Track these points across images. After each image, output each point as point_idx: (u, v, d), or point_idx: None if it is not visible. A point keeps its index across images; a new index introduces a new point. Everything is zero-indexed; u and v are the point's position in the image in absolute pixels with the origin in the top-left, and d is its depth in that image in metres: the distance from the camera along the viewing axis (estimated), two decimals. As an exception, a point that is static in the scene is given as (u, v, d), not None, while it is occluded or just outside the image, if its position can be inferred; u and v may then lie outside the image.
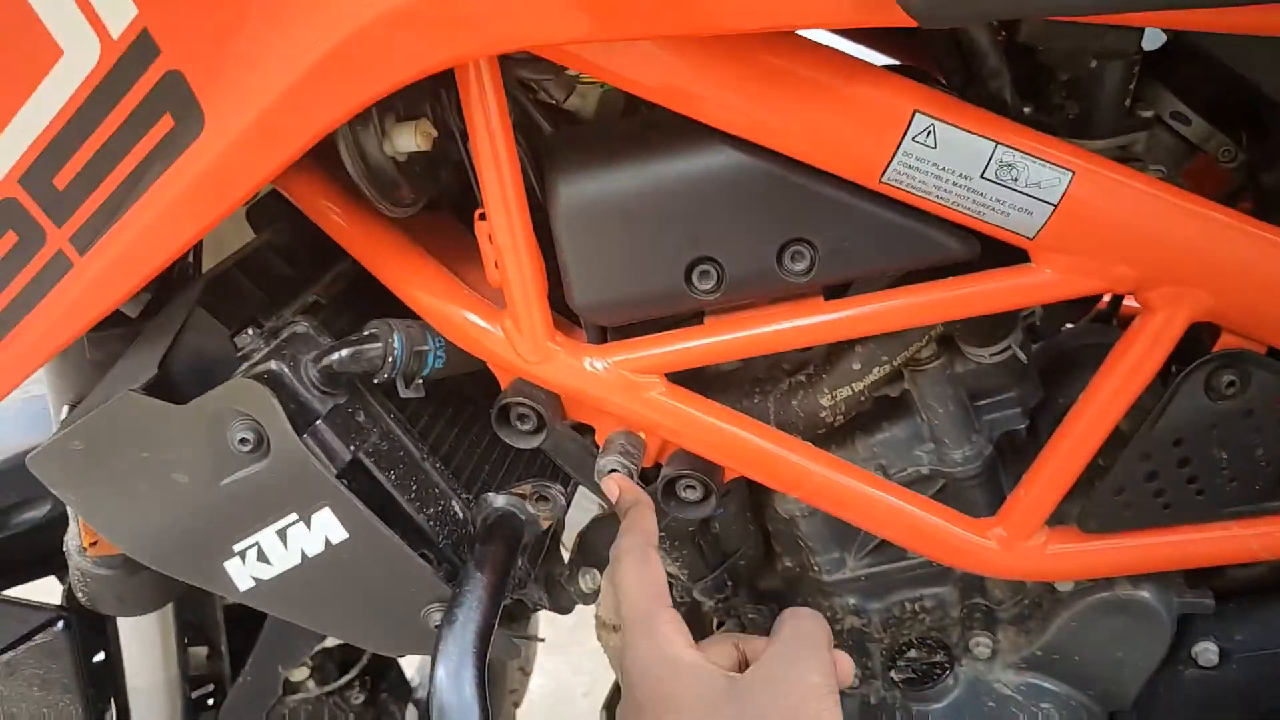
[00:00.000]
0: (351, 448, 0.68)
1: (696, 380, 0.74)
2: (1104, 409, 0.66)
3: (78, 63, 0.50)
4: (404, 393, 0.70)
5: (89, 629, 0.99)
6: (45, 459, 0.70)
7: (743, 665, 0.56)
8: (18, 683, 0.96)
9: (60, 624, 0.95)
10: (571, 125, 0.72)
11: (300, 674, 1.17)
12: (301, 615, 0.73)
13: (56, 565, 1.04)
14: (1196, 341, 0.67)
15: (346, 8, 0.50)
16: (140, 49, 0.50)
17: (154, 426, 0.66)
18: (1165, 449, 0.67)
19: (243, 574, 0.70)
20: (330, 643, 1.19)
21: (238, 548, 0.69)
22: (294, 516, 0.67)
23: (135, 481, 0.68)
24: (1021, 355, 0.75)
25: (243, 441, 0.65)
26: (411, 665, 1.46)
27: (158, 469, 0.67)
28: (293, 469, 0.65)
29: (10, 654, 0.94)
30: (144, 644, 1.01)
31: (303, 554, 0.68)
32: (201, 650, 1.20)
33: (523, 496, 0.73)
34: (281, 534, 0.68)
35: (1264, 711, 0.74)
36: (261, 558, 0.69)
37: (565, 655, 2.23)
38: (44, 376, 0.83)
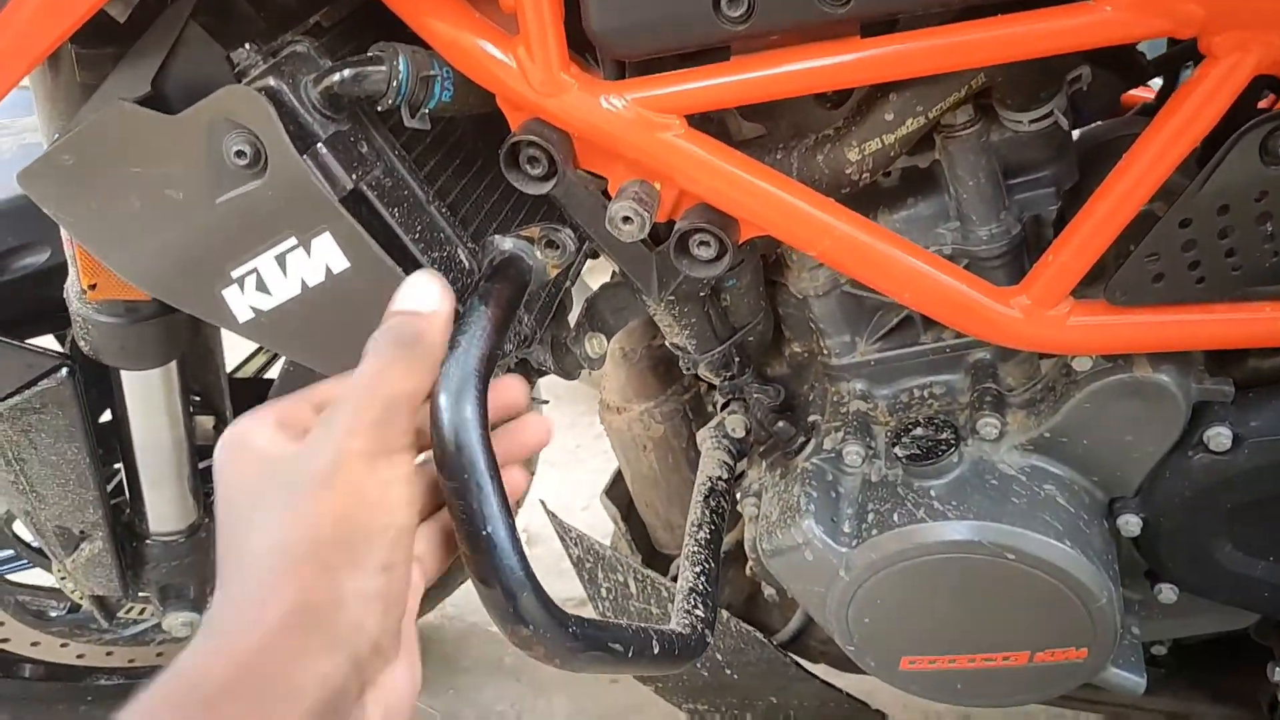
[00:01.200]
0: (354, 176, 0.65)
1: (714, 122, 0.70)
2: (1150, 166, 0.62)
3: None
4: (410, 122, 0.67)
5: (95, 385, 0.99)
6: (36, 175, 0.68)
7: None
8: (24, 429, 0.97)
9: (64, 371, 0.94)
10: None
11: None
12: (301, 350, 0.72)
13: (57, 322, 1.03)
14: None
15: None
16: None
17: (147, 138, 0.63)
18: (1208, 215, 0.64)
19: (242, 303, 0.68)
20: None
21: (236, 273, 0.67)
22: (293, 240, 0.64)
23: (129, 198, 0.66)
24: (1064, 123, 0.71)
25: (239, 154, 0.61)
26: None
27: (152, 184, 0.65)
28: (291, 187, 0.62)
29: (16, 399, 0.94)
30: (149, 401, 1.01)
31: (303, 282, 0.66)
32: (208, 421, 1.21)
33: (531, 240, 0.70)
34: (280, 260, 0.66)
35: (1267, 497, 0.73)
36: (261, 286, 0.67)
37: (565, 472, 2.28)
38: (34, 104, 0.80)
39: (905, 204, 0.78)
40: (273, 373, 1.32)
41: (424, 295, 0.49)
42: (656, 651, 0.63)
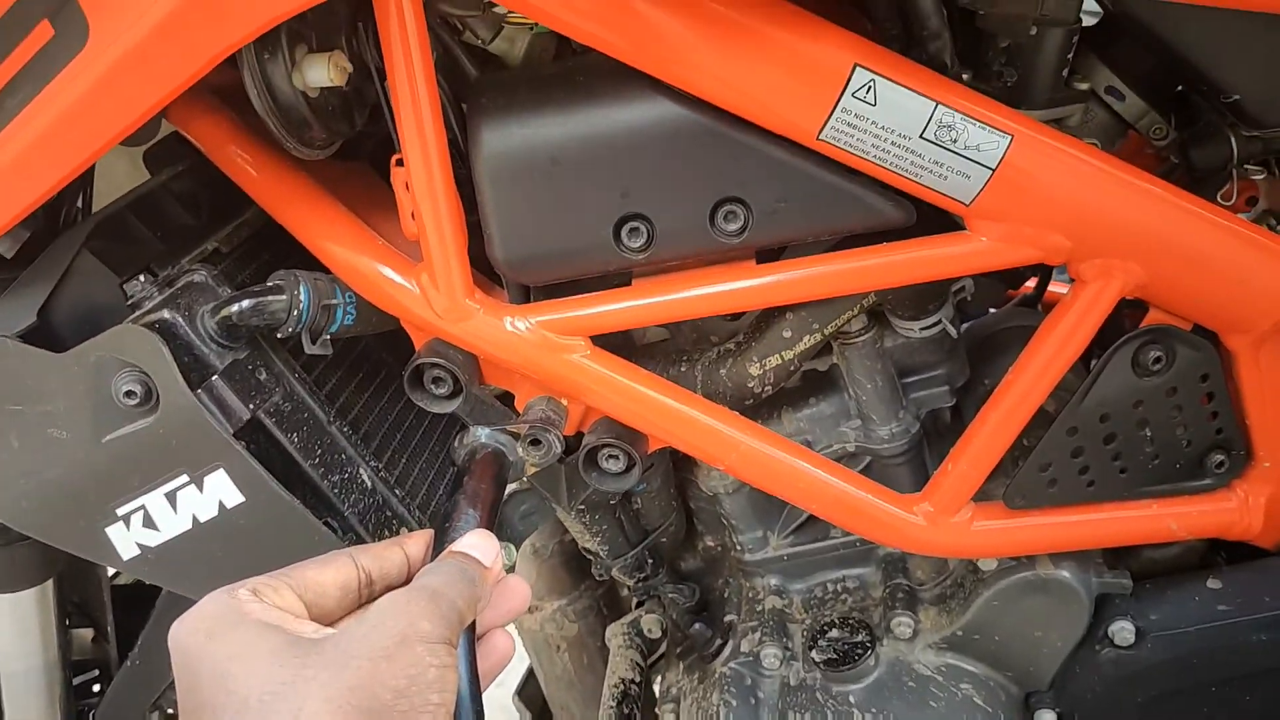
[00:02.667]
0: (251, 406, 0.63)
1: (622, 351, 0.71)
2: (1034, 382, 0.65)
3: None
4: (310, 349, 0.66)
5: (-41, 606, 0.92)
6: (-96, 411, 0.64)
7: None
8: (-125, 663, 0.89)
9: (-77, 600, 0.87)
10: (497, 68, 0.69)
11: (194, 658, 1.11)
12: (191, 586, 0.68)
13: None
14: (1117, 329, 0.67)
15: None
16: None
17: (29, 376, 0.61)
18: (1092, 424, 0.67)
19: (127, 540, 0.64)
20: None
21: (121, 511, 0.63)
22: (184, 478, 0.62)
23: (7, 437, 0.62)
24: (952, 330, 0.74)
25: (129, 394, 0.59)
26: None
27: (32, 424, 0.62)
28: (184, 425, 0.60)
29: None
30: (20, 624, 0.93)
31: (194, 518, 0.63)
32: (86, 633, 1.13)
33: (515, 436, 0.67)
34: (170, 496, 0.63)
35: (1174, 690, 0.74)
36: (148, 523, 0.64)
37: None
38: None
39: (808, 404, 0.80)
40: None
41: (486, 551, 0.53)
42: None
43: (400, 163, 0.62)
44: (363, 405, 0.74)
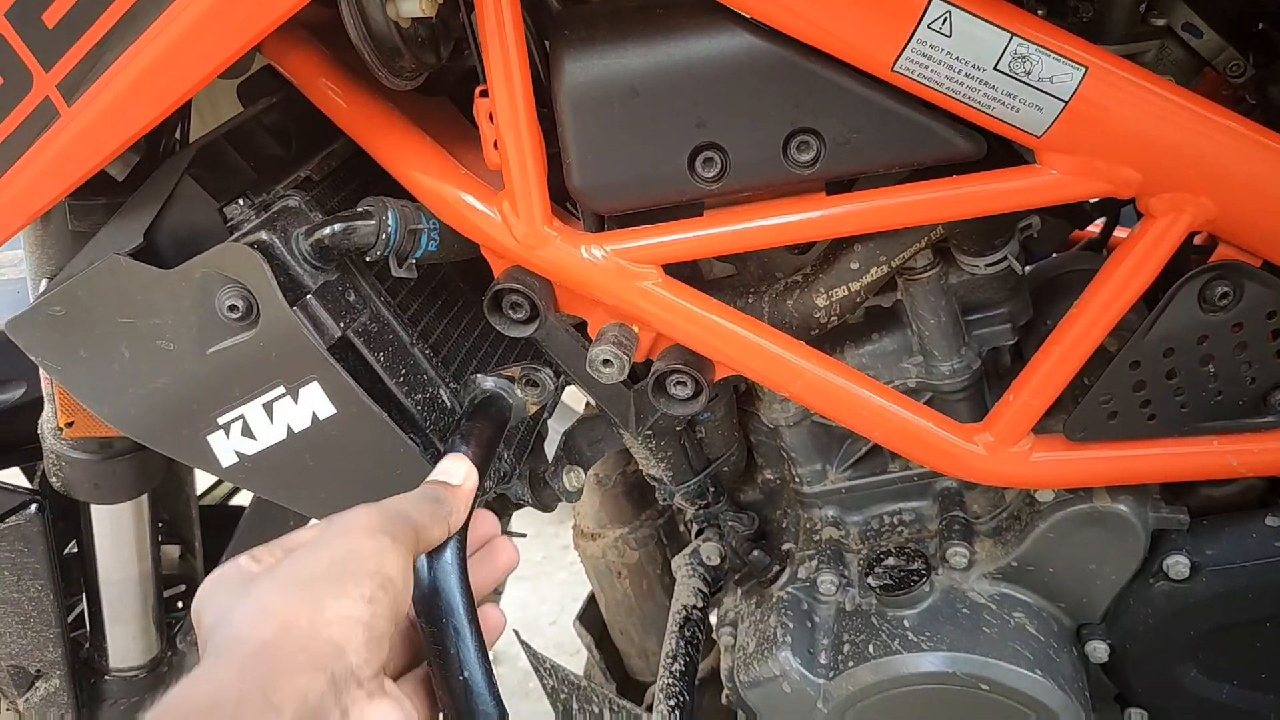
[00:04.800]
0: (341, 325, 0.67)
1: (692, 283, 0.73)
2: (1098, 315, 0.66)
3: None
4: (397, 272, 0.69)
5: (62, 517, 0.98)
6: (25, 325, 0.69)
7: None
8: (-13, 566, 0.95)
9: (34, 507, 0.93)
10: (579, 3, 0.71)
11: (273, 575, 1.17)
12: (284, 493, 0.72)
13: (27, 454, 1.02)
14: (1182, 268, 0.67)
15: None
16: None
17: (139, 292, 0.65)
18: (1155, 358, 0.68)
19: (226, 448, 0.69)
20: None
21: (222, 420, 0.68)
22: (281, 390, 0.66)
23: (118, 348, 0.67)
24: (1017, 266, 0.75)
25: (231, 308, 0.63)
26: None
27: (142, 335, 0.66)
28: (282, 339, 0.64)
29: (-19, 535, 0.93)
30: (117, 535, 1.00)
31: (289, 429, 0.67)
32: (174, 549, 1.20)
33: (511, 379, 0.72)
34: (267, 407, 0.67)
35: (1227, 624, 0.75)
36: (246, 431, 0.68)
37: (533, 585, 2.25)
38: (24, 249, 0.81)
39: (871, 340, 0.82)
40: (239, 499, 1.30)
41: (454, 471, 0.57)
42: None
43: (485, 94, 0.65)
44: (443, 330, 0.77)
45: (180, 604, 1.19)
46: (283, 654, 0.42)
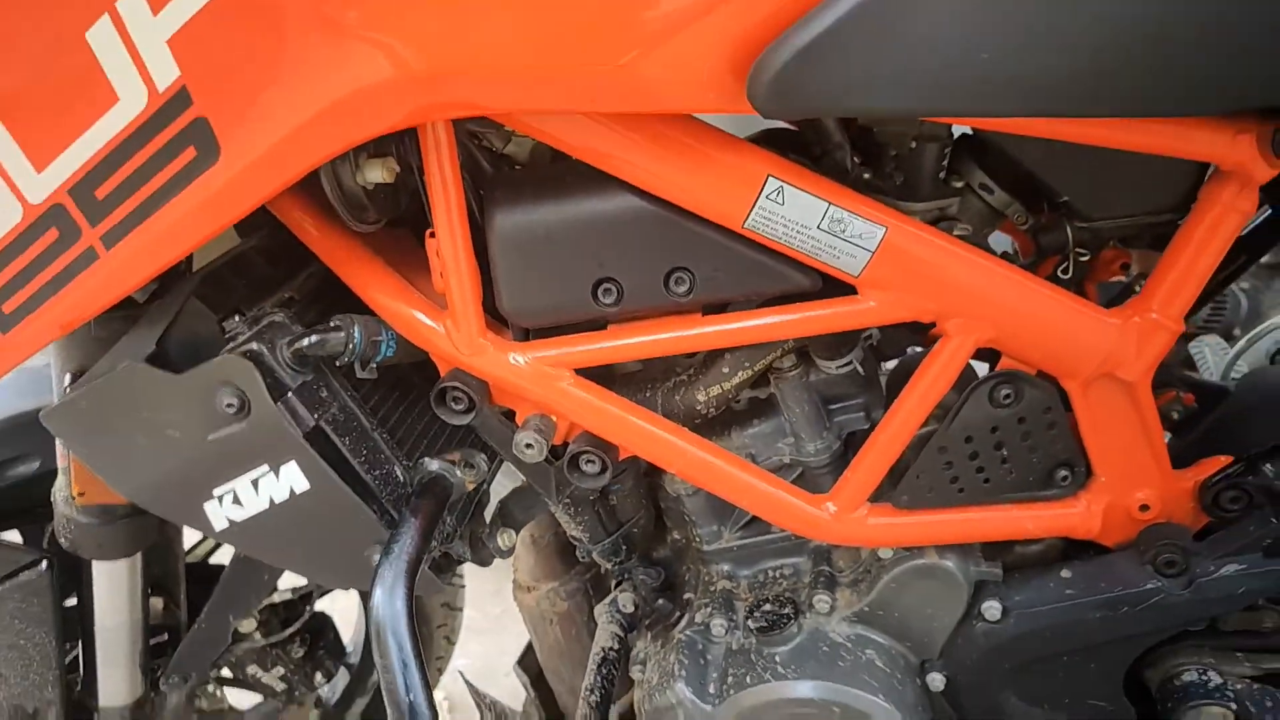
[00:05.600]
0: (315, 416, 0.84)
1: (601, 376, 0.91)
2: (913, 410, 0.85)
3: (128, 107, 0.66)
4: (360, 374, 0.87)
5: (65, 573, 1.13)
6: (58, 415, 0.85)
7: None
8: (1, 616, 1.10)
9: (44, 564, 1.08)
10: (508, 167, 0.89)
11: (249, 625, 1.32)
12: (265, 552, 0.89)
13: (33, 516, 1.17)
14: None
15: (340, 77, 0.67)
16: (178, 100, 0.66)
17: (154, 391, 0.82)
18: (958, 444, 0.86)
19: (220, 515, 0.85)
20: (276, 599, 1.35)
21: (217, 492, 0.84)
22: (266, 468, 0.83)
23: (135, 436, 0.83)
24: (860, 369, 0.94)
25: (229, 405, 0.80)
26: (347, 630, 1.61)
27: (155, 426, 0.83)
28: (268, 429, 0.81)
29: (-3, 589, 1.08)
30: (114, 588, 1.15)
31: (271, 500, 0.84)
32: (158, 602, 1.34)
33: (453, 462, 0.89)
34: (254, 483, 0.83)
35: (1033, 659, 0.93)
36: (236, 501, 0.85)
37: (494, 638, 2.39)
38: (50, 348, 0.97)
39: (752, 425, 1.00)
40: (218, 558, 1.45)
41: None
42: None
43: (433, 235, 0.83)
44: (397, 417, 0.94)
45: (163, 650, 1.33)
46: None
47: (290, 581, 1.32)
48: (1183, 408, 1.04)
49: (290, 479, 0.83)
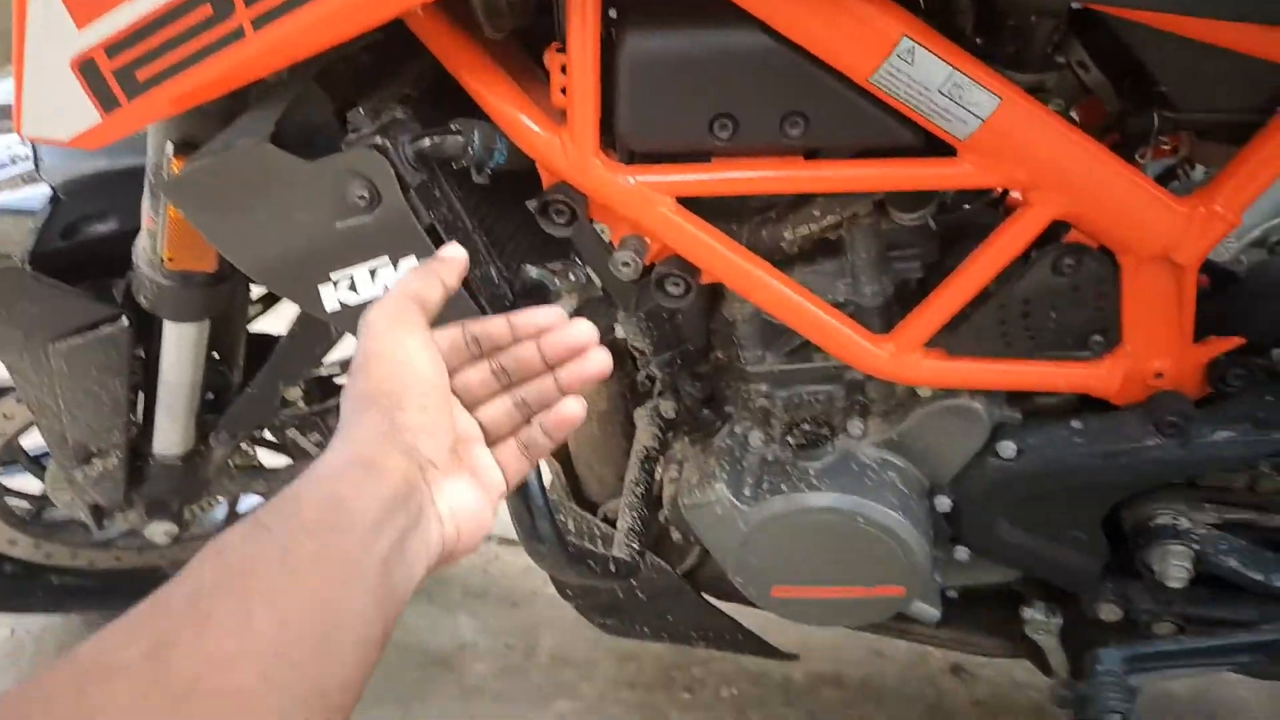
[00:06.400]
0: (431, 214, 0.88)
1: (692, 205, 0.96)
2: (983, 266, 0.93)
3: (320, -104, 0.66)
4: (475, 178, 0.90)
5: (139, 328, 1.18)
6: (179, 186, 0.88)
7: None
8: (78, 364, 1.15)
9: (124, 320, 1.13)
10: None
11: (294, 394, 1.39)
12: (370, 336, 0.95)
13: (106, 272, 1.20)
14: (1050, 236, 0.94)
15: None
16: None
17: (283, 174, 0.84)
18: (1015, 303, 0.95)
19: (332, 297, 0.90)
20: (323, 372, 1.42)
21: (334, 276, 0.89)
22: (386, 259, 0.87)
23: (259, 214, 0.87)
24: (932, 224, 1.01)
25: (360, 197, 0.84)
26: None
27: (281, 207, 0.86)
28: (393, 222, 0.85)
29: (79, 339, 1.12)
30: (181, 347, 1.20)
31: (385, 288, 0.89)
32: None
33: (554, 271, 0.95)
34: (372, 271, 0.88)
35: (1035, 495, 1.06)
36: (352, 287, 0.89)
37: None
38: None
39: (815, 262, 1.06)
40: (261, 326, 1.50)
41: (448, 249, 0.70)
42: (612, 570, 0.91)
43: (560, 50, 0.85)
44: (497, 223, 0.99)
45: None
46: (384, 443, 0.57)
47: (333, 357, 1.38)
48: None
49: (406, 271, 0.88)
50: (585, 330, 0.66)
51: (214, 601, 0.45)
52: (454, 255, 0.69)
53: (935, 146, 0.89)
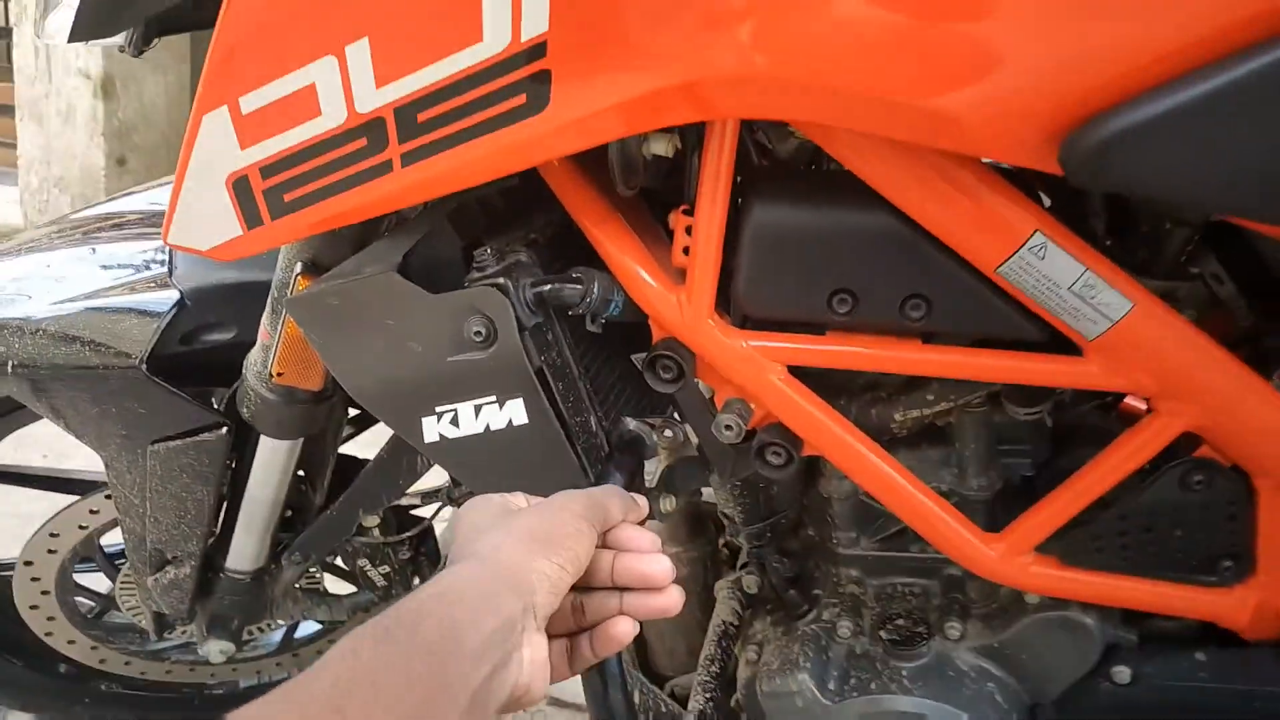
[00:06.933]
0: (542, 358, 0.89)
1: (801, 376, 0.95)
2: (1105, 474, 0.88)
3: (487, 48, 0.70)
4: (589, 328, 0.91)
5: (235, 438, 1.19)
6: (304, 304, 0.90)
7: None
8: (171, 467, 1.16)
9: (224, 429, 1.14)
10: (772, 162, 0.92)
11: (371, 521, 1.38)
12: (463, 472, 0.94)
13: (211, 380, 1.23)
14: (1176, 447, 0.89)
15: (681, 65, 0.70)
16: (534, 51, 0.70)
17: (405, 303, 0.86)
18: (1138, 517, 0.90)
19: (433, 429, 0.90)
20: (402, 502, 1.41)
21: (439, 409, 0.89)
22: (493, 397, 0.87)
23: (375, 340, 0.88)
24: (1048, 420, 0.97)
25: (477, 334, 0.84)
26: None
27: (398, 335, 0.87)
28: (505, 362, 0.85)
29: (178, 442, 1.14)
30: (272, 463, 1.21)
31: (487, 426, 0.89)
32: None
33: (653, 426, 0.93)
34: (477, 408, 0.88)
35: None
36: (454, 421, 0.89)
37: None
38: (286, 234, 1.02)
39: (920, 448, 1.03)
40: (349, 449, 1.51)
41: (641, 500, 0.75)
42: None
43: (686, 212, 0.87)
44: (601, 373, 0.98)
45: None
46: (505, 577, 0.60)
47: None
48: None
49: (512, 412, 0.88)
50: (666, 567, 0.69)
51: (348, 698, 0.51)
52: (644, 505, 0.75)
53: (1059, 342, 0.86)
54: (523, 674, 0.60)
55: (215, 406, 1.20)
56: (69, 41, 0.88)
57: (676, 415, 0.99)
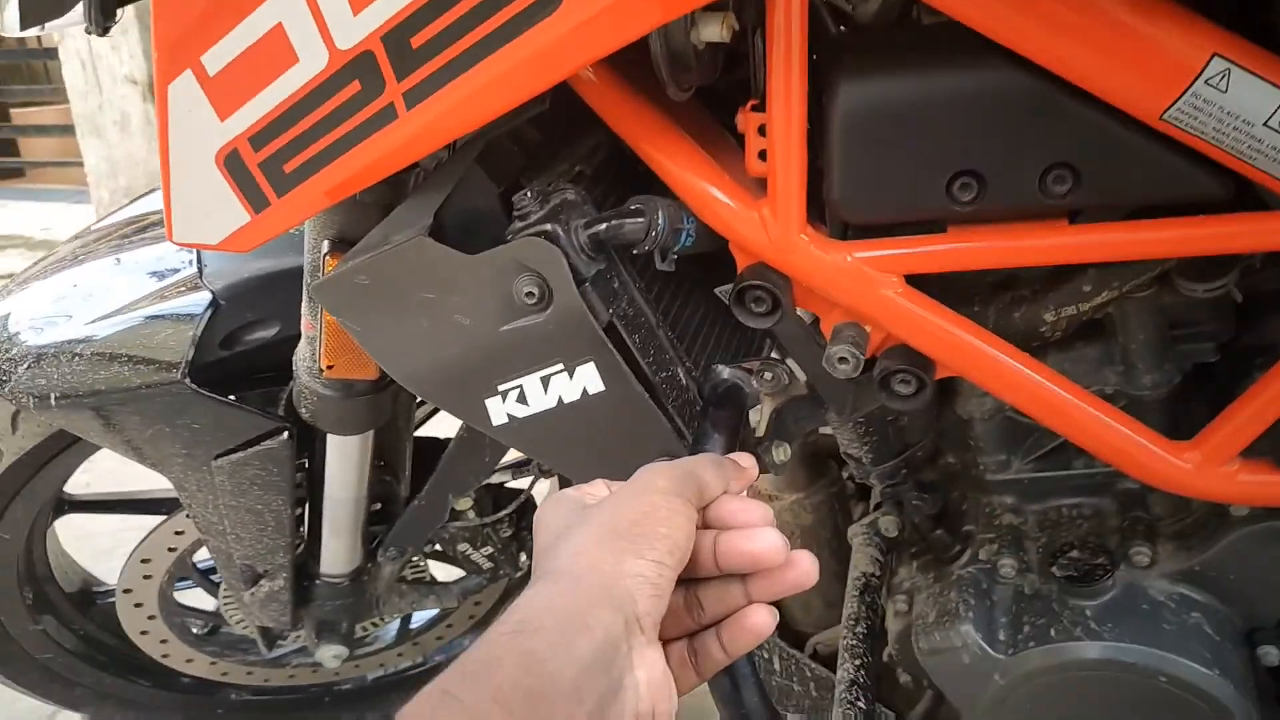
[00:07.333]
0: (610, 310, 0.75)
1: (921, 285, 0.78)
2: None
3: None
4: (660, 266, 0.76)
5: (301, 439, 1.10)
6: (331, 288, 0.78)
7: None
8: (240, 480, 1.08)
9: (285, 434, 1.05)
10: (852, 28, 0.75)
11: (465, 504, 1.29)
12: (542, 451, 0.81)
13: (264, 383, 1.13)
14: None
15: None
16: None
17: (443, 271, 0.73)
18: (1375, 400, 0.71)
19: (500, 411, 0.78)
20: (494, 480, 1.30)
21: (502, 388, 0.76)
22: (560, 366, 0.74)
23: (418, 318, 0.75)
24: (1237, 295, 0.79)
25: (529, 294, 0.71)
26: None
27: (441, 309, 0.74)
28: (568, 323, 0.72)
29: (240, 454, 1.05)
30: (345, 461, 1.11)
31: (560, 399, 0.76)
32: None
33: (750, 370, 0.79)
34: (545, 380, 0.75)
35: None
36: (521, 399, 0.77)
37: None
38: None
39: (1074, 347, 0.86)
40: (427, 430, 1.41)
41: (746, 459, 0.67)
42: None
43: (756, 108, 0.71)
44: (683, 316, 0.84)
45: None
46: (593, 590, 0.51)
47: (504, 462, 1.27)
48: None
49: (585, 379, 0.74)
50: (777, 544, 0.58)
51: None
52: (749, 467, 0.66)
53: (1244, 197, 0.68)
54: (641, 700, 0.51)
55: (280, 408, 1.10)
56: (21, 30, 0.77)
57: (777, 353, 0.84)
